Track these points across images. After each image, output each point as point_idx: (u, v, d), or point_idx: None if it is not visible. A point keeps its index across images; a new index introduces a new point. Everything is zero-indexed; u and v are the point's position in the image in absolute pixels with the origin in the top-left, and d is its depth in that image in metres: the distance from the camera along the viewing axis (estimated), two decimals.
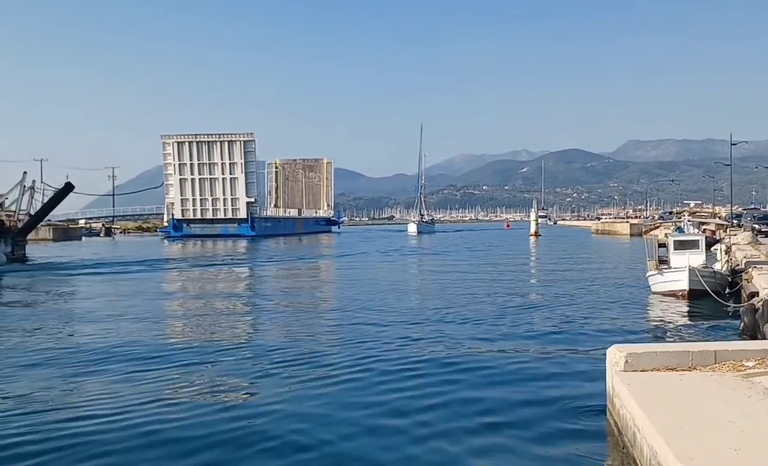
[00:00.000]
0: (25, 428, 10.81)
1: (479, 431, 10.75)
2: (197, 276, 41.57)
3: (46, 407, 12.09)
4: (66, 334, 20.56)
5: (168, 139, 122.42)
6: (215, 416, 11.42)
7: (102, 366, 15.46)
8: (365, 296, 29.06)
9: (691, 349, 11.12)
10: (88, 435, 10.47)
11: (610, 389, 10.90)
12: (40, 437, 10.43)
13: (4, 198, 60.15)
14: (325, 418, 11.36)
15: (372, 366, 15.08)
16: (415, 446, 10.14)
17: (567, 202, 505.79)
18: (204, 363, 15.60)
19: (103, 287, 35.07)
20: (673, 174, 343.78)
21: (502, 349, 17.05)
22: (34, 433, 10.60)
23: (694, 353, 10.92)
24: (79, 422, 11.08)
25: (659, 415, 8.26)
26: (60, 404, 12.19)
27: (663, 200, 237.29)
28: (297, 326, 21.48)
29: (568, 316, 22.90)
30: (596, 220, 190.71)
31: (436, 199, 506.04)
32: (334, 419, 11.30)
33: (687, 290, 25.70)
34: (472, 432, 10.64)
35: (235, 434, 10.64)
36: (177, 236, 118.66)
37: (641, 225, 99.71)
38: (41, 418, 11.35)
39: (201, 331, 20.87)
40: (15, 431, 10.70)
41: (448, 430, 10.76)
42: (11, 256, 56.85)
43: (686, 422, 7.98)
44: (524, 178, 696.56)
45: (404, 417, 11.40)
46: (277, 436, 10.53)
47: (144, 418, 11.27)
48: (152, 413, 11.53)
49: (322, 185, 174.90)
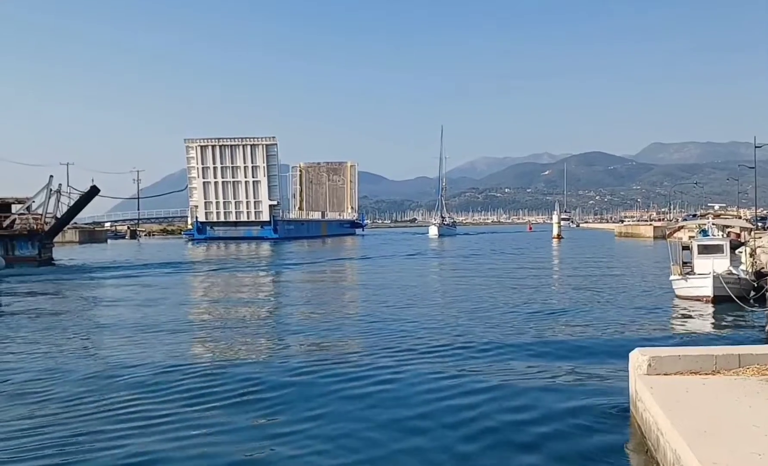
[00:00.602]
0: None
1: (500, 430, 10.86)
2: (225, 280, 41.78)
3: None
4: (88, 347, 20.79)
5: (192, 143, 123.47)
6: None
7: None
8: (395, 301, 29.07)
9: (715, 352, 11.02)
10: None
11: (633, 392, 10.89)
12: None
13: (31, 201, 60.88)
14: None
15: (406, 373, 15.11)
16: (448, 439, 10.35)
17: (589, 204, 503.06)
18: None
19: (137, 290, 35.26)
20: (696, 177, 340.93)
21: (527, 351, 17.10)
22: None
23: (717, 356, 10.85)
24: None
25: (682, 419, 8.22)
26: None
27: (686, 203, 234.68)
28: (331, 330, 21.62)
29: (591, 318, 22.86)
30: (619, 222, 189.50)
31: (458, 201, 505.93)
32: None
33: (711, 296, 25.55)
34: (492, 431, 10.78)
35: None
36: (201, 238, 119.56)
37: (665, 228, 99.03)
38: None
39: (254, 348, 20.01)
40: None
41: (472, 427, 10.95)
42: (38, 258, 57.69)
43: (710, 427, 7.95)
44: (546, 180, 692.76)
45: (431, 419, 11.53)
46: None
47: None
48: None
49: (346, 188, 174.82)
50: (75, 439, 10.57)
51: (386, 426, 11.23)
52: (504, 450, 10.13)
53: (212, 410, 12.10)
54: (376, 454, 10.06)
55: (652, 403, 9.29)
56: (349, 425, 11.25)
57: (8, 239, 58.16)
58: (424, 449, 10.17)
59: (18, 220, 59.89)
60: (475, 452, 10.10)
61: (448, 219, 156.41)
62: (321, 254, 73.97)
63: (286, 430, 11.04)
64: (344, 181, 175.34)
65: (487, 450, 10.13)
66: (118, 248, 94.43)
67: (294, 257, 65.15)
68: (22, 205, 60.79)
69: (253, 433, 10.91)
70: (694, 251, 28.58)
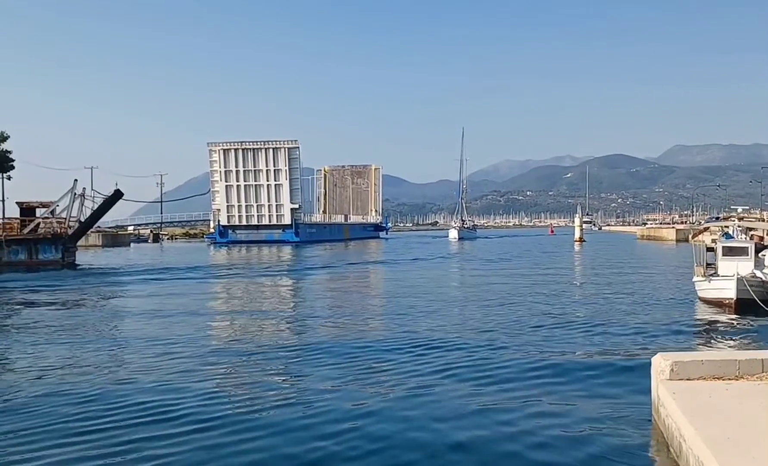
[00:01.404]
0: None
1: (520, 436, 10.81)
2: (247, 285, 41.93)
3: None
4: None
5: (214, 146, 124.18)
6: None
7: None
8: (423, 304, 29.03)
9: (738, 357, 10.94)
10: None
11: (655, 397, 10.81)
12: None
13: (55, 205, 61.62)
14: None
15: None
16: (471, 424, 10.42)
17: (612, 207, 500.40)
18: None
19: (160, 299, 35.51)
20: (719, 179, 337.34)
21: (549, 353, 17.05)
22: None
23: (741, 361, 10.74)
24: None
25: (705, 425, 8.17)
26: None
27: (709, 206, 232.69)
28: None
29: (613, 321, 22.74)
30: (642, 225, 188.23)
31: (480, 204, 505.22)
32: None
33: (735, 299, 25.21)
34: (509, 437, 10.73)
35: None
36: (223, 242, 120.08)
37: (687, 231, 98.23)
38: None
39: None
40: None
41: (498, 423, 10.98)
42: (62, 262, 58.30)
43: (733, 433, 7.88)
44: (568, 183, 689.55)
45: (462, 418, 11.58)
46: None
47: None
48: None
49: (371, 191, 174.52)
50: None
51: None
52: (523, 454, 10.10)
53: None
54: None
55: (674, 409, 9.23)
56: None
57: (32, 242, 59.00)
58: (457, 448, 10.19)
59: (42, 224, 60.76)
60: (494, 455, 10.11)
61: (468, 222, 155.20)
62: (342, 257, 73.93)
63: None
64: (368, 184, 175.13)
65: (506, 456, 10.12)
66: (141, 251, 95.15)
67: (317, 261, 65.15)
68: (46, 209, 61.62)
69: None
70: (719, 253, 28.27)
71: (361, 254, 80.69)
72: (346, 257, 72.16)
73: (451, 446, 10.45)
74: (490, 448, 10.36)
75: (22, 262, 57.36)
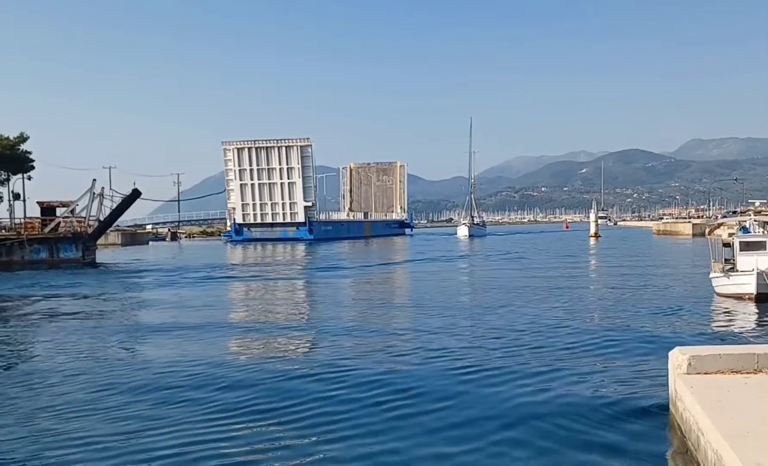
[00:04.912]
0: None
1: (537, 427, 11.02)
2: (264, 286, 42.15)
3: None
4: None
5: (228, 145, 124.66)
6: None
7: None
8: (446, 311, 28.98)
9: (757, 351, 10.85)
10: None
11: (673, 391, 10.84)
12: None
13: (74, 204, 62.19)
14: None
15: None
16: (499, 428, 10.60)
17: (627, 202, 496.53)
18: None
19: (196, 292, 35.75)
20: (736, 173, 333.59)
21: (566, 348, 17.22)
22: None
23: (759, 355, 10.67)
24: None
25: (724, 419, 8.17)
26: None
27: (726, 200, 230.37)
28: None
29: (631, 316, 22.78)
30: (658, 220, 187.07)
31: (494, 201, 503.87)
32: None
33: (755, 293, 25.18)
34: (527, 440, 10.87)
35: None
36: (238, 239, 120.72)
37: (704, 225, 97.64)
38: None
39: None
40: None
41: (518, 420, 11.10)
42: (82, 260, 58.97)
43: (752, 427, 7.88)
44: (583, 179, 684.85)
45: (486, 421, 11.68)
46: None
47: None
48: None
49: (395, 188, 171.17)
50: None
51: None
52: (541, 445, 10.28)
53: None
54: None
55: (692, 402, 9.23)
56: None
57: (53, 241, 59.78)
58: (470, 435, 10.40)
59: (62, 223, 61.52)
60: (518, 442, 10.36)
61: (477, 218, 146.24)
62: (357, 256, 73.92)
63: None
64: (393, 181, 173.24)
65: (524, 444, 10.32)
66: (159, 250, 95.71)
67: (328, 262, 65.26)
68: (66, 209, 62.31)
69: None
70: (736, 248, 28.00)
71: (381, 252, 79.84)
72: (359, 257, 72.19)
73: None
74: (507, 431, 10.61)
75: (43, 260, 58.21)
